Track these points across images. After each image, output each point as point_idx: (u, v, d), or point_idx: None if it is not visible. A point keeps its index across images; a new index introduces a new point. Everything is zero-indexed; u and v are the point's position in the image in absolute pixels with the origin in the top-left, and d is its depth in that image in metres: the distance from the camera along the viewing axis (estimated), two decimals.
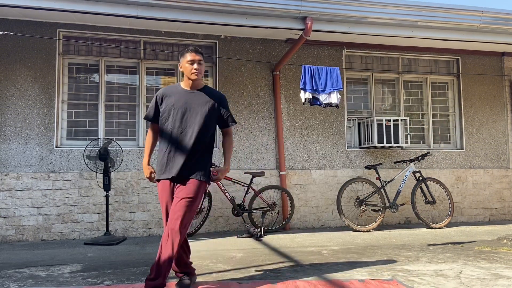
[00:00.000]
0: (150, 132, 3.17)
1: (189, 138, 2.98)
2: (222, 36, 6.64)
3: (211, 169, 3.11)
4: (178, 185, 2.97)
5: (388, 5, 6.01)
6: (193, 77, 3.02)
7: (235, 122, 3.25)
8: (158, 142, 3.16)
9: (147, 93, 6.45)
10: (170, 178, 2.98)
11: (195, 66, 3.00)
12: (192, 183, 2.94)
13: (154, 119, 3.13)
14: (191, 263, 3.24)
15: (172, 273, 3.63)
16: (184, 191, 2.91)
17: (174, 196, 2.95)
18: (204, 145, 3.03)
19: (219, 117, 3.16)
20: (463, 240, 5.35)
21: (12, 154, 5.76)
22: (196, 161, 2.99)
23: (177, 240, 2.82)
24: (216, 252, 4.63)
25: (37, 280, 3.46)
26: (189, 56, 3.00)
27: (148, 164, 3.13)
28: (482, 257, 4.25)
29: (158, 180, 3.06)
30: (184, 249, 3.12)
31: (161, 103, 3.08)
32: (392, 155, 7.16)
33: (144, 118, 3.17)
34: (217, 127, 3.30)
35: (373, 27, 6.21)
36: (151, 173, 3.11)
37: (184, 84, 3.12)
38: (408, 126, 7.09)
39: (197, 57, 3.01)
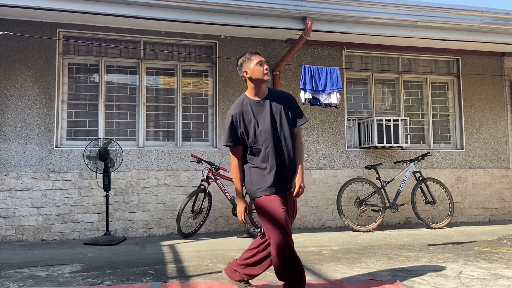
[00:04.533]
0: (235, 159, 2.90)
1: (284, 150, 2.84)
2: (222, 36, 6.64)
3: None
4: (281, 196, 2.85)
5: (388, 5, 6.02)
6: (267, 77, 2.87)
7: (305, 120, 3.02)
8: (249, 162, 2.91)
9: (147, 93, 6.45)
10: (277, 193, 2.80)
11: (265, 66, 2.88)
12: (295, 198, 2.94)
13: (236, 143, 2.88)
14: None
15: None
16: (293, 209, 2.95)
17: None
18: (293, 151, 2.90)
19: (292, 118, 2.98)
20: (463, 240, 5.35)
21: (12, 154, 5.76)
22: (293, 171, 2.88)
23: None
24: (216, 252, 4.63)
25: (37, 280, 3.45)
26: (256, 59, 2.87)
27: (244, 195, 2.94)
28: (482, 257, 4.24)
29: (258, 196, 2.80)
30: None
31: (239, 125, 2.85)
32: (392, 155, 7.16)
33: (226, 145, 2.89)
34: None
35: (373, 27, 6.21)
36: (245, 209, 2.93)
37: (252, 94, 2.91)
38: (408, 126, 7.09)
39: (262, 58, 2.92)
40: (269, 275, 3.49)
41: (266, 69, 2.88)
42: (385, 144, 6.76)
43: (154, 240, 5.60)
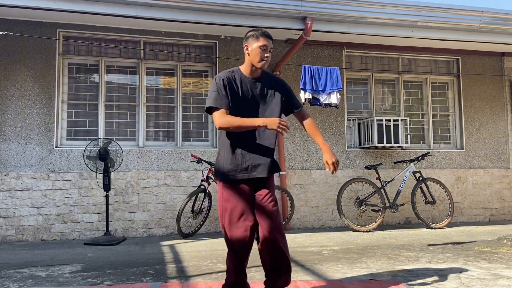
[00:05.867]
0: (227, 114, 2.59)
1: (264, 135, 2.69)
2: (222, 36, 6.64)
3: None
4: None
5: (387, 5, 6.02)
6: (261, 65, 2.70)
7: (301, 106, 2.96)
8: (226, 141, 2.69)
9: (147, 93, 6.45)
10: (249, 179, 2.64)
11: (267, 54, 2.69)
12: (271, 180, 2.73)
13: (228, 107, 2.60)
14: None
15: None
16: (268, 193, 2.65)
17: (256, 199, 2.64)
18: (275, 139, 2.79)
19: (286, 106, 2.89)
20: (463, 240, 5.35)
21: (12, 154, 5.76)
22: (271, 158, 2.72)
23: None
24: (216, 252, 4.63)
25: (37, 280, 3.45)
26: (263, 41, 2.68)
27: None
28: (482, 257, 4.25)
29: (226, 182, 2.66)
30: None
31: (226, 90, 2.63)
32: (392, 155, 7.16)
33: (218, 106, 2.57)
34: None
35: (373, 27, 6.21)
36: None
37: (246, 70, 2.76)
38: (408, 126, 7.09)
39: (270, 45, 2.71)
40: None
41: (267, 57, 2.70)
42: (385, 144, 6.76)
43: (154, 240, 5.60)
